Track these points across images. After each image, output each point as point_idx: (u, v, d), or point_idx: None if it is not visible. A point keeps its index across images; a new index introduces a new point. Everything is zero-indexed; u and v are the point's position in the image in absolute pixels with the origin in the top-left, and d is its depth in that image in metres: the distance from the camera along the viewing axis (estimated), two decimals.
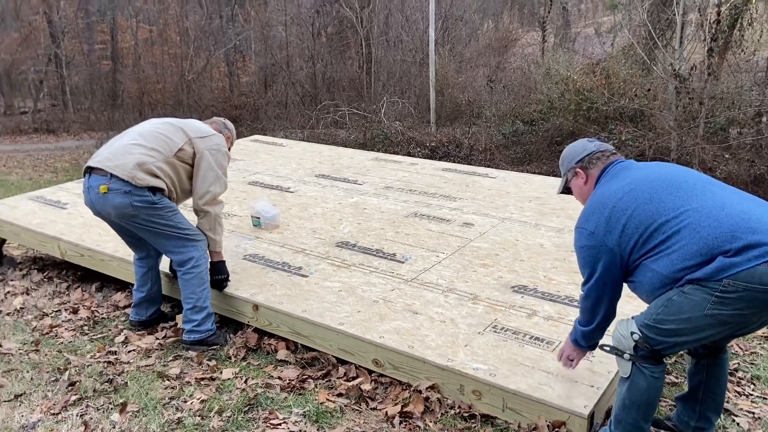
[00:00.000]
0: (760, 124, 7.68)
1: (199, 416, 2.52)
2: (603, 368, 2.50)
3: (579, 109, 8.86)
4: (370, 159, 5.75)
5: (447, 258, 3.55)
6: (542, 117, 9.67)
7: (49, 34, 19.41)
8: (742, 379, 2.94)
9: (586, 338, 2.25)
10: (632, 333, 2.03)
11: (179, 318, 3.42)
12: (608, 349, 2.15)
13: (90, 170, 3.07)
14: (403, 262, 3.53)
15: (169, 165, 3.08)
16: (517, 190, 4.71)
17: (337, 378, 2.84)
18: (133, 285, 3.52)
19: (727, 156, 7.42)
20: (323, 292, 3.22)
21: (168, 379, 2.85)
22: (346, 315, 2.99)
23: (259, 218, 4.12)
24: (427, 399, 2.55)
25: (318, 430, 2.43)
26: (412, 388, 2.63)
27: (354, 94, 13.97)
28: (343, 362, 2.92)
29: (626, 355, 2.06)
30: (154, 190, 3.02)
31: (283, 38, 16.29)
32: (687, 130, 7.88)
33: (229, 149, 3.37)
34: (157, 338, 3.34)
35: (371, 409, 2.60)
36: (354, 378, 2.81)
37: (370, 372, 2.83)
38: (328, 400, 2.64)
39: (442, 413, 2.50)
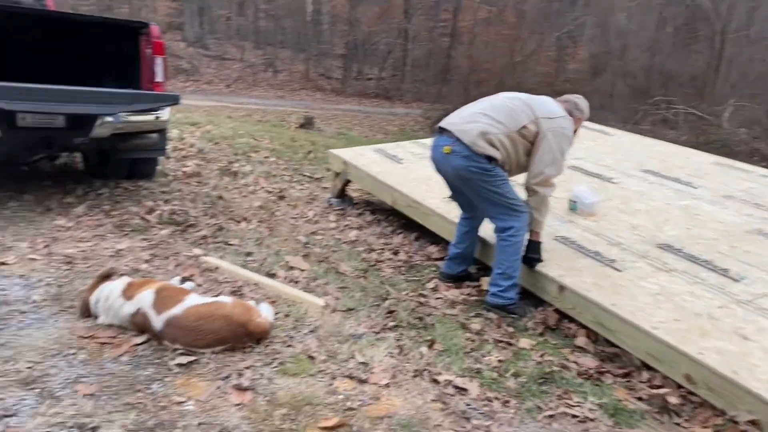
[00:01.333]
0: None
1: (496, 372, 2.63)
2: None
3: None
4: (710, 163, 5.14)
5: None
6: None
7: (404, 10, 21.71)
8: None
9: None
10: None
11: (483, 280, 3.60)
12: None
13: (441, 130, 3.37)
14: (737, 281, 3.11)
15: (509, 139, 3.19)
16: None
17: (640, 381, 2.67)
18: (447, 242, 3.81)
19: None
20: (637, 291, 3.04)
21: (469, 332, 3.04)
22: (661, 320, 2.77)
23: (576, 202, 4.05)
24: None
25: (615, 425, 2.33)
26: (728, 416, 2.34)
27: (693, 92, 12.59)
28: (647, 367, 2.73)
29: None
30: (490, 159, 3.18)
31: (622, 26, 15.43)
32: None
33: (575, 131, 3.35)
34: (462, 293, 3.56)
35: (675, 423, 2.39)
36: (659, 387, 2.60)
37: (678, 386, 2.60)
38: (627, 399, 2.51)
39: None
